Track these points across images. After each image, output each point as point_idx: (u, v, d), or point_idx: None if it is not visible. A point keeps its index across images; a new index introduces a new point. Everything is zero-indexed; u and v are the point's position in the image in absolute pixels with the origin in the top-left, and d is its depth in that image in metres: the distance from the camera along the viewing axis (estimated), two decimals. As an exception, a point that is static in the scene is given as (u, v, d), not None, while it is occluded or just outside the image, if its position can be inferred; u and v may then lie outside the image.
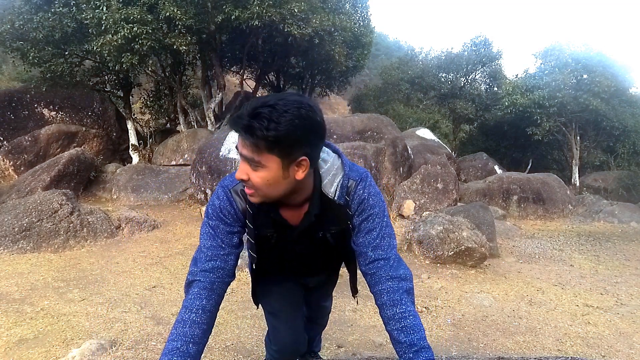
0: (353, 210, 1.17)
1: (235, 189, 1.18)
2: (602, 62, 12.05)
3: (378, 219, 1.17)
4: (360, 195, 1.16)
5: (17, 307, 2.98)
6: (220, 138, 6.78)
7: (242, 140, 0.99)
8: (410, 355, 1.05)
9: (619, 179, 11.69)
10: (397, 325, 1.09)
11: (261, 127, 0.94)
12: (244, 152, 1.00)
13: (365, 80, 20.80)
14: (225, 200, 1.17)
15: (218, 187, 1.21)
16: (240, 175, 1.04)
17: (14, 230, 4.45)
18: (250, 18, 7.68)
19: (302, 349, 1.57)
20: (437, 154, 8.37)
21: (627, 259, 5.44)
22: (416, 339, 1.06)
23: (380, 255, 1.15)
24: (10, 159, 8.36)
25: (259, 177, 1.02)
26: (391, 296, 1.12)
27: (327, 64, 11.24)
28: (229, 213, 1.17)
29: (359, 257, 1.19)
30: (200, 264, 1.14)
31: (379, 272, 1.14)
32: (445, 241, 4.63)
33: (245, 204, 1.17)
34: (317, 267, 1.49)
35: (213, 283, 1.13)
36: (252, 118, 0.95)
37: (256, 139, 0.96)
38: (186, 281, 1.16)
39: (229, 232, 1.17)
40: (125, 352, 2.38)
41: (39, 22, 7.53)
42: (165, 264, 4.13)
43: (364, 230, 1.16)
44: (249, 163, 1.02)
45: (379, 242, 1.16)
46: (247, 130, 0.96)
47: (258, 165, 1.01)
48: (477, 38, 15.37)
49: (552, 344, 2.83)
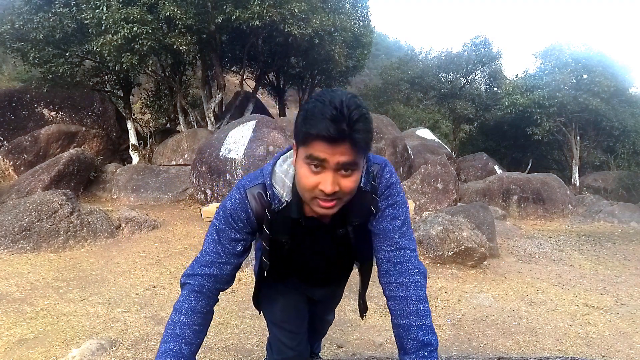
0: (380, 194, 1.14)
1: (252, 191, 1.12)
2: (602, 62, 12.05)
3: (403, 208, 1.16)
4: (388, 179, 1.15)
5: (17, 307, 2.98)
6: (220, 138, 6.78)
7: (338, 147, 0.92)
8: (425, 354, 1.05)
9: (619, 179, 11.69)
10: (418, 321, 1.07)
11: (365, 128, 0.92)
12: (342, 159, 0.93)
13: (365, 80, 20.81)
14: (237, 203, 1.12)
15: (234, 189, 1.16)
16: (333, 188, 0.96)
17: (14, 230, 4.45)
18: (250, 18, 7.69)
19: (305, 358, 1.56)
20: (437, 154, 8.37)
21: (627, 259, 5.44)
22: (433, 340, 1.06)
23: (407, 244, 1.14)
24: (10, 159, 8.36)
25: (352, 182, 0.98)
26: (418, 291, 1.10)
27: (327, 64, 11.25)
28: (239, 218, 1.12)
29: (383, 241, 1.15)
30: (196, 267, 1.12)
31: (407, 262, 1.12)
32: (445, 241, 4.63)
33: (263, 208, 1.12)
34: (327, 276, 1.44)
35: (203, 287, 1.10)
36: (355, 122, 0.90)
37: (357, 141, 0.92)
38: (180, 281, 1.15)
39: (233, 239, 1.12)
40: (125, 352, 2.38)
41: (39, 23, 7.53)
42: (165, 264, 4.13)
43: (389, 217, 1.14)
44: (343, 169, 0.95)
45: (405, 230, 1.15)
46: (352, 135, 0.90)
47: (355, 169, 0.96)
48: (477, 38, 15.39)
49: (552, 344, 2.83)
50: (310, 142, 0.93)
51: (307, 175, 0.97)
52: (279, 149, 6.27)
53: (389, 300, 1.14)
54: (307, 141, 0.94)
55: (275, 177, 1.13)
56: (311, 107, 0.94)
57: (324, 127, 0.89)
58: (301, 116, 0.96)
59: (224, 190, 6.20)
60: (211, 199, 6.34)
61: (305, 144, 0.95)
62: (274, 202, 1.12)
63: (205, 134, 8.91)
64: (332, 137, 0.90)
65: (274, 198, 1.11)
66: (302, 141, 0.95)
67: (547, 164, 15.10)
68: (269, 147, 6.26)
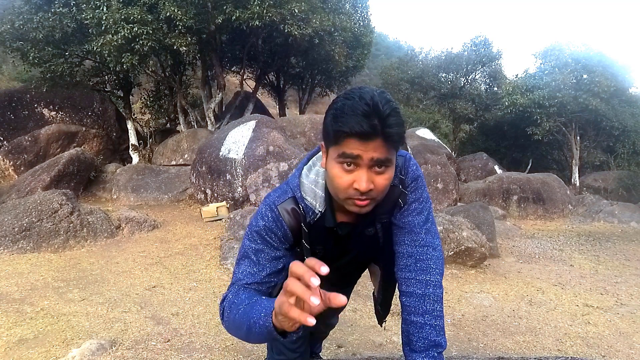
0: (407, 185, 1.13)
1: (284, 206, 1.09)
2: (602, 62, 12.05)
3: (427, 203, 1.15)
4: (415, 171, 1.14)
5: (17, 307, 2.98)
6: (220, 138, 6.78)
7: (371, 143, 0.90)
8: (435, 354, 1.05)
9: (619, 179, 11.69)
10: (432, 321, 1.07)
11: (398, 122, 0.90)
12: (376, 155, 0.91)
13: (365, 80, 20.82)
14: (272, 221, 1.07)
15: (262, 206, 1.11)
16: (368, 186, 0.93)
17: (14, 230, 4.44)
18: (250, 18, 7.69)
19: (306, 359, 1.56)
20: (437, 154, 8.37)
21: (627, 259, 5.44)
22: (443, 342, 1.07)
23: (432, 241, 1.12)
24: (10, 159, 8.37)
25: (385, 179, 0.96)
26: (437, 291, 1.10)
27: (327, 64, 11.25)
28: (276, 235, 1.07)
29: (407, 236, 1.13)
30: (233, 291, 1.03)
31: (429, 261, 1.11)
32: (445, 241, 4.63)
33: (298, 222, 1.08)
34: (341, 279, 1.40)
35: (247, 287, 1.04)
36: (387, 117, 0.89)
37: (391, 136, 0.90)
38: (220, 310, 1.05)
39: (274, 258, 1.07)
40: (125, 352, 2.38)
41: (39, 22, 7.53)
42: (165, 264, 4.13)
43: (415, 211, 1.13)
44: (377, 166, 0.93)
45: (430, 226, 1.14)
46: (385, 130, 0.89)
47: (389, 165, 0.95)
48: (477, 38, 15.38)
49: (552, 344, 2.83)
50: (343, 140, 0.91)
51: (341, 174, 0.95)
52: (279, 149, 6.27)
53: (403, 295, 1.12)
54: (339, 140, 0.92)
55: (304, 188, 1.10)
56: (340, 105, 0.92)
57: (356, 123, 0.88)
58: (330, 115, 0.94)
59: (223, 190, 6.20)
60: (211, 199, 6.34)
61: (337, 142, 0.93)
62: (309, 214, 1.09)
63: (205, 134, 8.91)
64: (365, 132, 0.88)
65: (308, 210, 1.09)
66: (334, 140, 0.93)
67: (547, 164, 15.11)
68: (269, 147, 6.26)
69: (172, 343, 2.52)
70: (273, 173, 6.03)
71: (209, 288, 3.44)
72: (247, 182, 6.06)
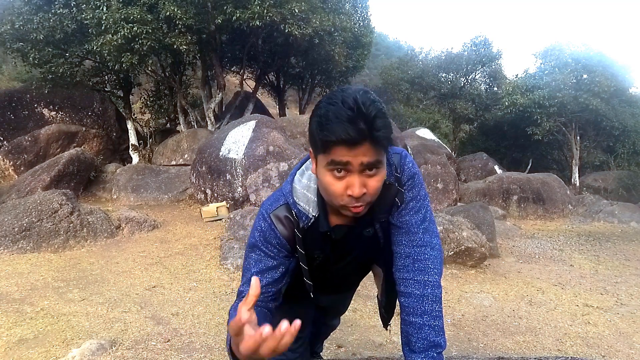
0: (403, 184, 1.11)
1: (276, 213, 1.08)
2: (602, 62, 12.05)
3: (425, 201, 1.13)
4: (411, 169, 1.12)
5: (17, 307, 2.98)
6: (220, 138, 6.78)
7: (359, 147, 0.87)
8: (435, 355, 1.05)
9: (619, 179, 11.70)
10: (431, 322, 1.07)
11: (385, 124, 0.88)
12: (365, 159, 0.89)
13: (365, 80, 20.83)
14: (264, 230, 1.08)
15: (259, 216, 1.12)
16: (361, 191, 0.92)
17: (14, 230, 4.44)
18: (250, 18, 7.69)
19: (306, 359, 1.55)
20: (437, 154, 8.37)
21: (627, 259, 5.44)
22: (442, 342, 1.06)
23: (429, 241, 1.11)
24: (10, 159, 8.36)
25: (377, 181, 0.94)
26: (435, 291, 1.09)
27: (327, 64, 11.25)
28: (271, 244, 1.08)
29: (405, 236, 1.11)
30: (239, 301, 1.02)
31: (427, 261, 1.10)
32: (445, 241, 4.63)
33: (291, 229, 1.08)
34: (342, 282, 1.40)
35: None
36: (373, 119, 0.86)
37: (379, 138, 0.88)
38: (229, 316, 1.05)
39: (270, 268, 1.08)
40: (125, 352, 2.38)
41: (39, 23, 7.54)
42: (165, 264, 4.13)
43: (412, 209, 1.11)
44: (368, 169, 0.92)
45: (428, 225, 1.12)
46: (372, 134, 0.87)
47: (379, 167, 0.93)
48: (477, 38, 15.36)
49: (552, 344, 2.83)
50: (330, 148, 0.89)
51: (332, 182, 0.93)
52: (279, 149, 6.27)
53: (402, 296, 1.11)
54: (326, 148, 0.90)
55: (297, 193, 1.09)
56: (324, 111, 0.89)
57: (342, 130, 0.85)
58: (315, 122, 0.91)
59: (223, 190, 6.20)
60: (211, 199, 6.34)
61: (324, 151, 0.90)
62: (302, 219, 1.07)
63: (205, 134, 8.91)
64: (352, 139, 0.86)
65: (301, 215, 1.07)
66: (322, 148, 0.91)
67: (547, 164, 15.11)
68: (269, 147, 6.26)
69: (172, 343, 2.52)
70: (273, 173, 6.03)
71: (209, 288, 3.44)
72: (247, 182, 6.06)
